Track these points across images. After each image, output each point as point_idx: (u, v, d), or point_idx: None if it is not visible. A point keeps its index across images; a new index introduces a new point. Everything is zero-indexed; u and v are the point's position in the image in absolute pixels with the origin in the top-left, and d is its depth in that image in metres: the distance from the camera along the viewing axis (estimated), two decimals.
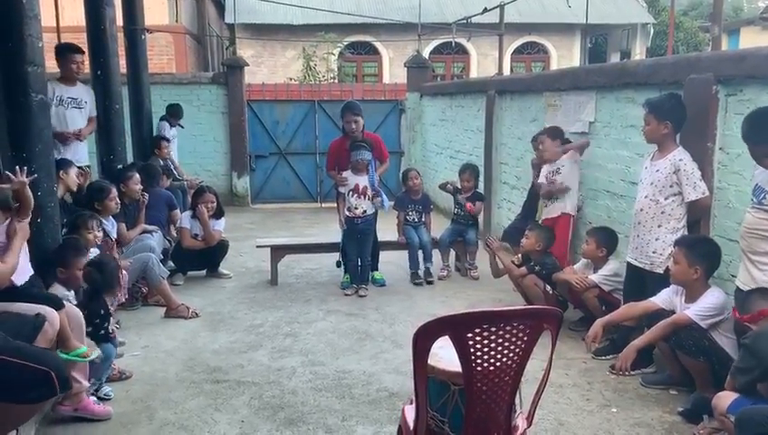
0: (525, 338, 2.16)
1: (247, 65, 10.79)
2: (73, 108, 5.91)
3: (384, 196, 5.90)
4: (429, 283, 6.10)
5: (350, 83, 13.61)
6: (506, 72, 16.49)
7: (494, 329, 2.11)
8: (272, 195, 10.91)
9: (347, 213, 5.75)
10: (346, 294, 5.71)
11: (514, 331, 2.14)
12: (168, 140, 8.30)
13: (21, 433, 2.99)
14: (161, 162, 7.82)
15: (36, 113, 3.84)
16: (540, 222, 5.34)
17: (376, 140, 6.05)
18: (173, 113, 8.80)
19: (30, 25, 3.73)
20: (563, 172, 5.22)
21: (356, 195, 5.72)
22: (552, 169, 5.29)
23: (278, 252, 6.16)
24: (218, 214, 6.21)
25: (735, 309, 3.27)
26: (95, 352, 3.44)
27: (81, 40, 6.55)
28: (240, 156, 10.57)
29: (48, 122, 4.12)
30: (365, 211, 5.75)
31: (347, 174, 5.76)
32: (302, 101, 10.93)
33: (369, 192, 5.76)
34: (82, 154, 6.03)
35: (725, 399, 2.84)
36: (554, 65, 18.88)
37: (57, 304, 3.27)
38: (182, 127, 8.98)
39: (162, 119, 8.71)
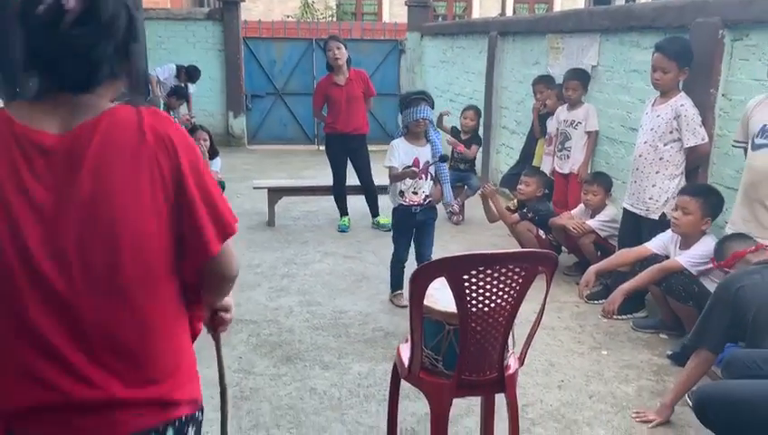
0: (520, 280, 2.18)
1: (244, 1, 10.49)
2: None
3: (449, 187, 4.15)
4: None
5: (349, 22, 13.32)
6: (509, 13, 16.11)
7: (489, 271, 2.13)
8: (268, 136, 10.80)
9: (399, 199, 4.06)
10: (397, 305, 4.19)
11: (510, 273, 2.16)
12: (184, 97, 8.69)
13: None
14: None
15: None
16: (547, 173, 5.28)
17: (362, 76, 5.94)
18: (190, 73, 9.03)
19: None
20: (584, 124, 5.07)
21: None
22: (567, 119, 5.14)
23: (275, 194, 6.15)
24: (212, 153, 6.13)
25: (713, 258, 3.29)
26: None
27: None
28: (236, 95, 10.41)
29: None
30: (427, 196, 4.06)
31: (399, 144, 4.02)
32: (299, 39, 10.70)
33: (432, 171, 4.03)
34: None
35: None
36: (558, 8, 18.43)
37: None
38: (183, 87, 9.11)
39: (178, 67, 8.95)
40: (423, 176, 3.99)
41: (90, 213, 1.18)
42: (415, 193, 4.02)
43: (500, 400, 2.46)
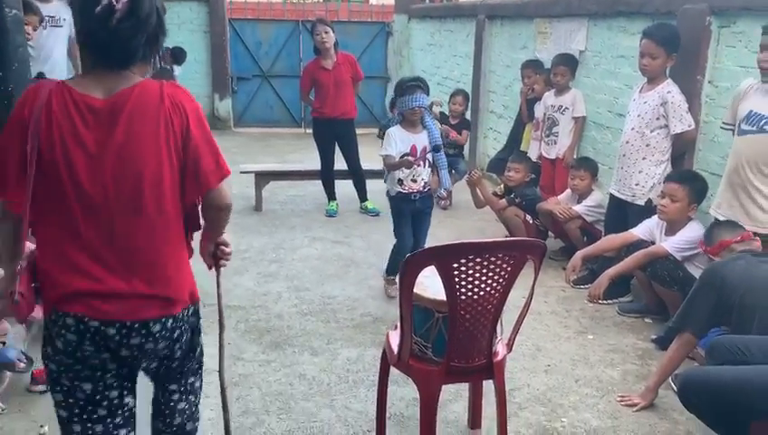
0: (509, 268, 2.20)
1: None
2: (51, 27, 5.65)
3: (446, 174, 4.08)
4: None
5: (336, 3, 13.17)
6: None
7: (479, 260, 2.14)
8: (254, 118, 10.70)
9: (398, 188, 3.97)
10: (389, 295, 4.15)
11: (499, 261, 2.17)
12: (169, 79, 8.59)
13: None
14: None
15: (11, 30, 3.68)
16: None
17: (350, 59, 5.92)
18: (176, 55, 8.89)
19: None
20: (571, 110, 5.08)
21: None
22: (554, 105, 5.14)
23: (263, 178, 6.12)
24: None
25: (702, 242, 3.33)
26: None
27: None
28: (222, 77, 10.29)
29: (23, 39, 3.96)
30: (426, 183, 4.00)
31: (395, 132, 3.91)
32: (285, 20, 10.60)
33: (430, 156, 3.95)
34: (60, 73, 5.83)
35: None
36: None
37: None
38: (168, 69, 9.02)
39: (163, 49, 8.69)
40: (421, 163, 3.92)
41: (122, 155, 1.64)
42: (414, 181, 3.93)
43: (488, 384, 2.50)
